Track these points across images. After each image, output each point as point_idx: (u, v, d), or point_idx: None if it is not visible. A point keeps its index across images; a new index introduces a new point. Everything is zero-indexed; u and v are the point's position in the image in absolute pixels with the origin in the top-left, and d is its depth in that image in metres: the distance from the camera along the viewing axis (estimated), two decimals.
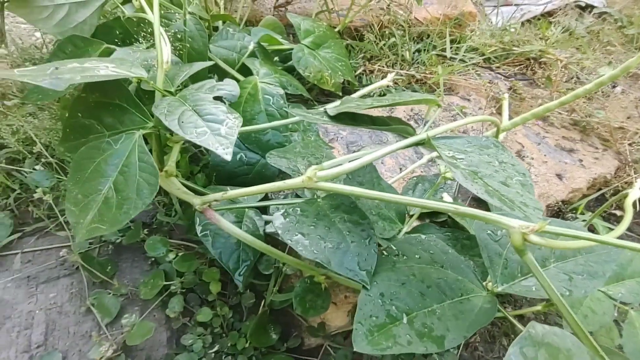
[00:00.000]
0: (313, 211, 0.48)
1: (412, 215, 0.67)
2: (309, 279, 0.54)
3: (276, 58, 0.94)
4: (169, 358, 0.59)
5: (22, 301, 0.63)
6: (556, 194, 0.83)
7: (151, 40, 0.65)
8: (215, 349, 0.60)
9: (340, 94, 0.95)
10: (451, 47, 1.11)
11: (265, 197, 0.66)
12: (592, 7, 1.40)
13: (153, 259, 0.70)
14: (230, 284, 0.68)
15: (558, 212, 0.84)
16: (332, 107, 0.50)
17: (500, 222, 0.33)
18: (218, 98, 0.50)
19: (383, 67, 1.06)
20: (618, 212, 0.91)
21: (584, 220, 0.82)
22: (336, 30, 1.03)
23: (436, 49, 1.11)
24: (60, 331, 0.61)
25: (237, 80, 0.76)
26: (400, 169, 0.83)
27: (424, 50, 1.10)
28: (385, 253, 0.46)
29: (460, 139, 0.46)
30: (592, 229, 0.83)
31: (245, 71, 0.79)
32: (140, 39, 0.67)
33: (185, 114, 0.46)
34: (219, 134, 0.44)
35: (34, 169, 0.69)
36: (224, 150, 0.43)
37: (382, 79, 1.06)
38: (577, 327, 0.29)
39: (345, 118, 0.47)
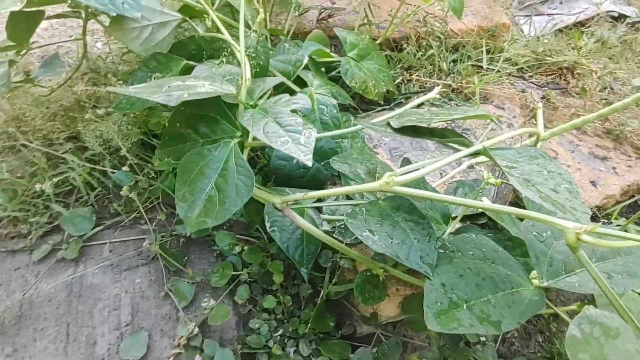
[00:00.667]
0: (377, 211, 0.54)
1: (455, 218, 0.73)
2: (368, 272, 0.61)
3: (322, 68, 1.01)
4: (240, 339, 0.66)
5: (110, 285, 0.72)
6: (590, 200, 0.88)
7: (224, 57, 0.73)
8: (280, 332, 0.67)
9: (382, 102, 1.02)
10: (483, 57, 1.16)
11: (319, 199, 0.73)
12: (625, 16, 1.43)
13: (218, 251, 0.78)
14: (288, 275, 0.75)
15: (593, 217, 0.88)
16: (393, 119, 0.56)
17: (556, 224, 0.39)
18: (294, 111, 0.57)
19: (421, 77, 1.12)
20: None
21: (618, 226, 0.86)
22: (377, 42, 1.09)
23: (471, 60, 1.16)
24: (143, 312, 0.69)
25: (294, 91, 0.83)
26: (441, 174, 0.89)
27: (460, 60, 1.16)
28: (442, 250, 0.53)
29: (511, 150, 0.52)
30: None
31: (300, 82, 0.86)
32: (213, 55, 0.75)
33: (269, 124, 0.54)
34: (299, 143, 0.51)
35: (118, 170, 0.78)
36: (305, 157, 0.50)
37: (419, 88, 1.12)
38: (623, 311, 0.35)
39: (408, 130, 0.53)
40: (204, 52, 0.78)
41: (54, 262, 0.75)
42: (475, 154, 0.51)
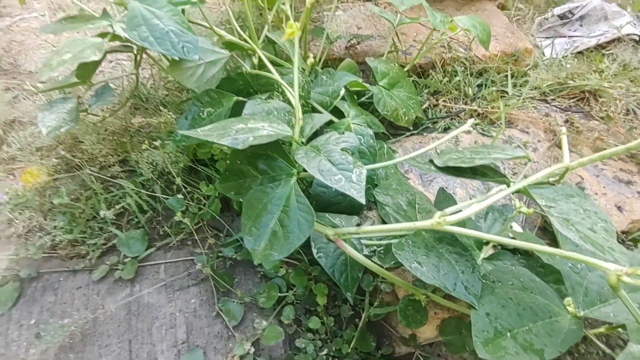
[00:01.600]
0: (422, 243, 0.59)
1: (487, 243, 0.77)
2: (410, 297, 0.65)
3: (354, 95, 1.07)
4: (288, 358, 0.71)
5: (165, 305, 0.78)
6: (617, 225, 0.91)
7: (275, 95, 0.79)
8: (325, 352, 0.72)
9: (411, 127, 1.07)
10: (507, 81, 1.20)
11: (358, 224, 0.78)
12: None
13: (262, 272, 0.83)
14: (329, 296, 0.80)
15: (619, 242, 0.91)
16: (436, 157, 0.61)
17: (599, 266, 0.43)
18: (343, 149, 0.62)
19: (447, 101, 1.17)
20: None
21: None
22: (405, 69, 1.14)
23: (495, 85, 1.20)
24: (197, 331, 0.75)
25: (332, 121, 0.89)
26: (470, 198, 0.93)
27: (485, 85, 1.20)
28: (483, 280, 0.57)
29: (548, 188, 0.56)
30: None
31: (337, 112, 0.92)
32: (259, 90, 0.81)
33: (322, 163, 0.59)
34: (351, 181, 0.56)
35: (167, 193, 0.84)
36: (358, 194, 0.55)
37: (446, 112, 1.17)
38: None
39: (451, 170, 0.58)
40: (251, 87, 0.84)
41: (112, 282, 0.81)
42: (517, 192, 0.55)
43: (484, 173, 0.58)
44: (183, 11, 0.77)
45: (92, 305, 0.77)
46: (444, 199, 0.75)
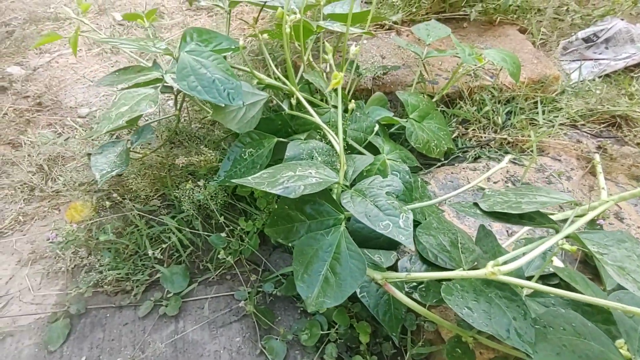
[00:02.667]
0: (470, 287, 0.59)
1: (530, 278, 0.77)
2: (457, 338, 0.65)
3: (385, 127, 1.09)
4: None
5: (209, 342, 0.79)
6: None
7: (308, 131, 0.82)
8: None
9: (442, 158, 1.08)
10: (536, 108, 1.21)
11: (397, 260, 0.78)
12: None
13: (302, 308, 0.84)
14: (370, 334, 0.80)
15: None
16: (480, 200, 0.62)
17: None
18: (388, 193, 0.64)
19: (476, 130, 1.18)
20: None
21: None
22: (434, 100, 1.16)
23: (524, 112, 1.21)
24: None
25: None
26: (507, 231, 0.93)
27: (513, 113, 1.21)
28: (534, 325, 0.57)
29: (598, 233, 0.56)
30: None
31: (370, 146, 0.94)
32: (298, 130, 0.84)
33: (369, 208, 0.60)
34: (399, 227, 0.58)
35: (205, 227, 0.86)
36: (406, 240, 0.56)
37: (475, 142, 1.17)
38: None
39: (498, 215, 0.59)
40: (289, 127, 0.87)
41: (157, 318, 0.83)
42: (567, 237, 0.55)
43: (532, 218, 0.58)
44: (225, 57, 0.81)
45: (140, 342, 0.79)
46: (485, 236, 0.75)
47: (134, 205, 0.98)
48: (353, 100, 0.74)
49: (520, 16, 1.62)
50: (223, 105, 0.75)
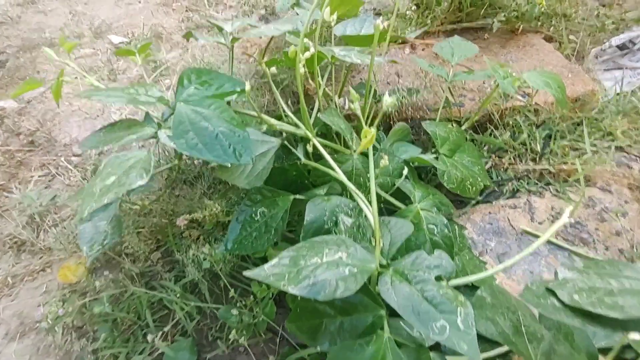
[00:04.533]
0: None
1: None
2: None
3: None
4: None
5: None
6: None
7: (328, 183, 0.70)
8: None
9: (478, 196, 0.95)
10: (576, 131, 1.08)
11: None
12: None
13: None
14: None
15: None
16: (556, 287, 0.50)
17: None
18: (438, 277, 0.51)
19: (511, 160, 1.05)
20: None
21: None
22: (462, 127, 1.03)
23: (565, 136, 1.08)
24: None
25: (398, 208, 0.78)
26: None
27: (552, 138, 1.08)
28: None
29: None
30: None
31: (398, 193, 0.81)
32: (315, 181, 0.72)
33: (416, 301, 0.48)
34: (459, 329, 0.45)
35: (213, 292, 0.75)
36: (470, 349, 0.44)
37: (513, 174, 1.04)
38: None
39: (584, 312, 0.46)
40: (305, 178, 0.75)
41: None
42: None
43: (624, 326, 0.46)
44: (229, 102, 0.69)
45: None
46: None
47: (130, 268, 0.87)
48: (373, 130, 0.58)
49: (545, 23, 1.49)
50: (229, 165, 0.64)
